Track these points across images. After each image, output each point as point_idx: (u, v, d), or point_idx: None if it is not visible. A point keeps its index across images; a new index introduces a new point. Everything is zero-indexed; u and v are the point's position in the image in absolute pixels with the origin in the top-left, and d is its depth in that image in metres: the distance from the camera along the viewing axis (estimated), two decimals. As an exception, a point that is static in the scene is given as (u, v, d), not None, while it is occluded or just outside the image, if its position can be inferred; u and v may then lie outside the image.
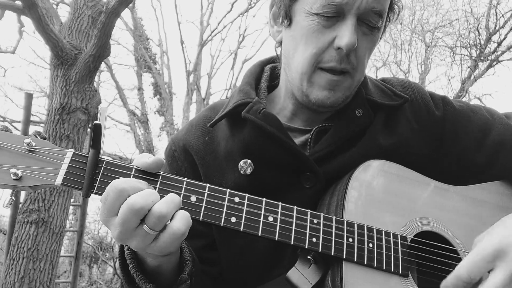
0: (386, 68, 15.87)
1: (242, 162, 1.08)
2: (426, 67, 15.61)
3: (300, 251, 0.97)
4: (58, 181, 0.85)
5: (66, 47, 5.41)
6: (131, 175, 0.87)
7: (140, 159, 0.89)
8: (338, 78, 1.04)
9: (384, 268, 0.95)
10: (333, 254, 0.93)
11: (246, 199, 0.92)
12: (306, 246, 0.92)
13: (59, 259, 5.52)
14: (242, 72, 17.87)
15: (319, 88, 1.05)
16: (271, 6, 1.14)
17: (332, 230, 0.94)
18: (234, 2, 16.84)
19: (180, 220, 0.81)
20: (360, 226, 0.96)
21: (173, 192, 0.87)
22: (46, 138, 0.88)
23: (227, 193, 0.91)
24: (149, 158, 0.88)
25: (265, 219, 0.91)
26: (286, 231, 0.92)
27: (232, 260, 1.12)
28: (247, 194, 0.93)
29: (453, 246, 1.03)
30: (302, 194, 1.07)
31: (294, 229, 0.92)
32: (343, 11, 0.99)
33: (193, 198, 0.89)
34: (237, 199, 0.92)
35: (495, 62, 13.79)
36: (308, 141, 1.14)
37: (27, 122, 5.48)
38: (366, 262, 0.94)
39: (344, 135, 1.09)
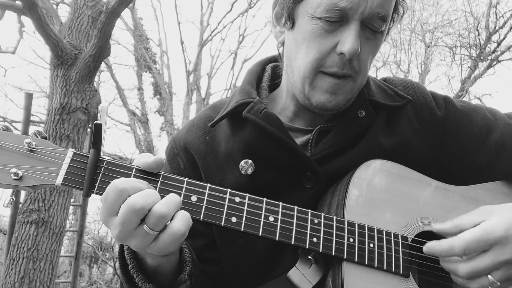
0: (386, 68, 15.88)
1: (243, 162, 1.08)
2: (426, 67, 15.61)
3: (300, 251, 0.97)
4: (59, 181, 0.84)
5: (66, 47, 5.41)
6: (132, 175, 0.87)
7: (140, 159, 0.88)
8: (340, 81, 1.03)
9: (384, 268, 0.95)
10: (333, 254, 0.93)
11: (247, 199, 0.92)
12: (307, 246, 0.92)
13: (59, 259, 5.52)
14: (242, 72, 17.89)
15: (321, 91, 1.05)
16: (274, 6, 1.12)
17: (333, 230, 0.94)
18: (234, 2, 16.85)
19: (180, 220, 0.81)
20: (361, 226, 0.96)
21: (173, 192, 0.87)
22: (46, 138, 0.88)
23: (228, 193, 0.91)
24: (149, 158, 0.88)
25: (265, 219, 0.91)
26: (286, 231, 0.92)
27: (232, 260, 1.12)
28: (248, 194, 0.93)
29: (454, 246, 1.03)
30: (303, 194, 1.07)
31: (294, 229, 0.92)
32: (347, 16, 0.98)
33: (193, 198, 0.89)
34: (237, 199, 0.91)
35: (495, 62, 13.79)
36: (309, 141, 1.13)
37: (27, 122, 5.47)
38: (367, 262, 0.94)
39: (346, 136, 1.09)
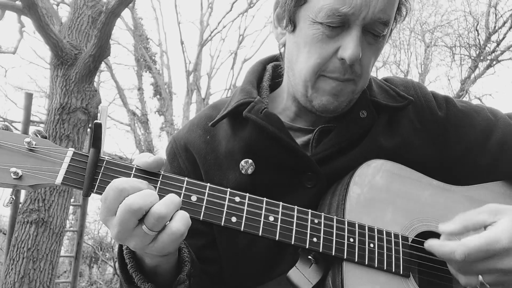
0: (386, 68, 15.88)
1: (243, 162, 1.08)
2: (426, 67, 15.60)
3: (300, 251, 0.97)
4: (59, 180, 0.84)
5: (66, 47, 5.41)
6: (132, 175, 0.87)
7: (140, 159, 0.88)
8: (342, 84, 1.03)
9: (385, 268, 0.95)
10: (334, 254, 0.92)
11: (247, 199, 0.92)
12: (307, 246, 0.92)
13: (59, 259, 5.52)
14: (242, 72, 17.89)
15: (323, 93, 1.04)
16: (275, 7, 1.12)
17: (333, 230, 0.94)
18: (234, 2, 16.85)
19: (179, 220, 0.81)
20: (361, 226, 0.96)
21: (173, 191, 0.87)
22: (46, 137, 0.88)
23: (228, 192, 0.91)
24: (149, 157, 0.88)
25: (265, 219, 0.91)
26: (286, 231, 0.91)
27: (232, 260, 1.12)
28: (248, 194, 0.92)
29: (454, 246, 1.02)
30: (303, 194, 1.07)
31: (295, 229, 0.92)
32: (349, 22, 0.97)
33: (193, 198, 0.89)
34: (237, 199, 0.91)
35: (495, 62, 13.79)
36: (310, 141, 1.13)
37: (27, 122, 5.47)
38: (367, 262, 0.94)
39: (347, 137, 1.09)
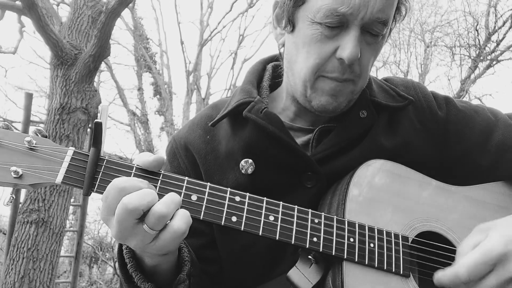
0: (386, 68, 15.89)
1: (243, 162, 1.08)
2: (425, 67, 15.61)
3: (301, 251, 0.97)
4: (59, 179, 0.84)
5: (66, 47, 5.41)
6: (132, 174, 0.87)
7: (141, 158, 0.88)
8: (341, 84, 1.03)
9: (385, 268, 0.95)
10: (334, 253, 0.92)
11: (247, 198, 0.92)
12: (307, 246, 0.92)
13: (59, 259, 5.52)
14: (242, 72, 17.89)
15: (322, 93, 1.04)
16: (275, 7, 1.12)
17: (333, 229, 0.94)
18: (234, 2, 16.85)
19: (180, 219, 0.81)
20: (361, 226, 0.96)
21: (174, 191, 0.87)
22: (47, 137, 0.88)
23: (228, 192, 0.91)
24: (150, 156, 0.88)
25: (266, 219, 0.91)
26: (287, 231, 0.91)
27: (232, 259, 1.12)
28: (248, 194, 0.92)
29: (454, 247, 1.02)
30: (304, 193, 1.07)
31: (295, 228, 0.92)
32: (347, 22, 0.97)
33: (193, 197, 0.89)
34: (238, 198, 0.91)
35: (495, 62, 13.79)
36: (310, 141, 1.13)
37: (27, 122, 5.48)
38: (367, 262, 0.94)
39: (347, 137, 1.09)
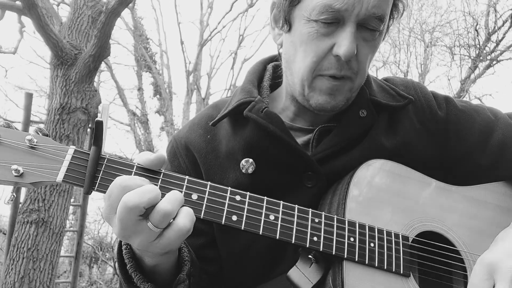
0: (385, 68, 15.89)
1: (244, 161, 1.08)
2: (425, 67, 15.61)
3: (301, 250, 0.97)
4: (60, 177, 0.84)
5: (66, 47, 5.41)
6: (133, 172, 0.87)
7: (142, 156, 0.88)
8: (339, 83, 1.03)
9: (385, 267, 0.95)
10: (334, 253, 0.92)
11: (248, 198, 0.92)
12: (307, 245, 0.92)
13: (59, 259, 5.52)
14: (242, 72, 17.90)
15: (320, 92, 1.05)
16: (272, 8, 1.13)
17: (333, 229, 0.94)
18: (234, 2, 16.84)
19: (185, 216, 0.81)
20: (361, 226, 0.96)
21: (174, 189, 0.87)
22: (47, 135, 0.88)
23: (228, 191, 0.91)
24: (151, 155, 0.88)
25: (266, 218, 0.91)
26: (287, 230, 0.91)
27: (233, 258, 1.12)
28: (249, 193, 0.92)
29: (454, 247, 1.02)
30: (304, 193, 1.07)
31: (295, 228, 0.92)
32: (343, 18, 0.97)
33: (194, 196, 0.89)
34: (238, 198, 0.91)
35: (495, 62, 13.79)
36: (310, 140, 1.13)
37: (27, 122, 5.47)
38: (367, 262, 0.94)
39: (347, 136, 1.09)
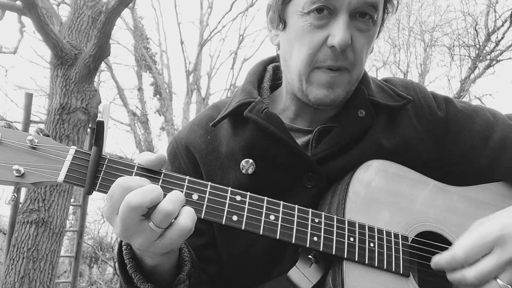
0: (385, 68, 15.89)
1: (244, 162, 1.08)
2: (425, 67, 15.61)
3: (301, 250, 0.97)
4: (61, 177, 0.84)
5: (66, 47, 5.41)
6: (134, 173, 0.87)
7: (142, 157, 0.88)
8: (336, 75, 1.03)
9: (385, 267, 0.95)
10: (334, 253, 0.93)
11: (248, 198, 0.92)
12: (307, 245, 0.92)
13: (59, 259, 5.52)
14: (242, 72, 17.91)
15: (318, 86, 1.05)
16: (268, 11, 1.14)
17: (333, 229, 0.94)
18: (234, 2, 16.85)
19: (187, 216, 0.81)
20: (361, 226, 0.96)
21: (175, 190, 0.87)
22: (48, 135, 0.88)
23: (229, 191, 0.91)
24: (151, 155, 0.88)
25: (266, 218, 0.91)
26: (287, 230, 0.92)
27: (233, 259, 1.12)
28: (249, 193, 0.93)
29: (454, 246, 1.03)
30: (304, 193, 1.07)
31: (295, 228, 0.92)
32: (335, 9, 0.98)
33: (194, 196, 0.89)
34: (238, 198, 0.91)
35: (494, 62, 13.79)
36: (310, 141, 1.13)
37: (27, 122, 5.47)
38: (367, 262, 0.94)
39: (346, 136, 1.09)
